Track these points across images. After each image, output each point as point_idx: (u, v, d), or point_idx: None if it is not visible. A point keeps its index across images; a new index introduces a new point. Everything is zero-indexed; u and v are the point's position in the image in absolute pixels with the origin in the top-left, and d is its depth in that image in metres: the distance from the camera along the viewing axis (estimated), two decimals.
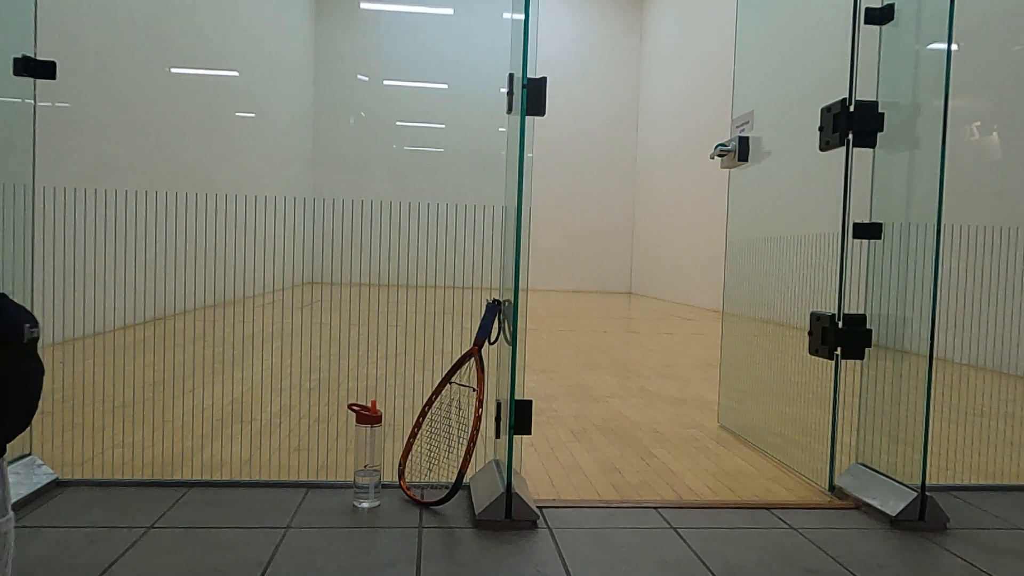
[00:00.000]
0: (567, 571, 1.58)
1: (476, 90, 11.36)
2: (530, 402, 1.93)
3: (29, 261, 2.01)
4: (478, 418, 1.89)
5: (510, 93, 1.99)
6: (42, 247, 2.21)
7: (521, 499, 1.82)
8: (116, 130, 5.53)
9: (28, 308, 1.20)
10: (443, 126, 12.29)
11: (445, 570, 1.57)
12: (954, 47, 1.88)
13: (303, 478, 2.13)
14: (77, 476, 2.07)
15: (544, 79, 1.84)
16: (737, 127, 2.88)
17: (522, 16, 1.83)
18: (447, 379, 2.07)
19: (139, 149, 5.87)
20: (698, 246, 10.25)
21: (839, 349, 2.16)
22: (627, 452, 2.55)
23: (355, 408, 1.93)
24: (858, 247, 2.15)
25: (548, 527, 1.82)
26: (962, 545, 1.79)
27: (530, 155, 1.84)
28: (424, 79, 12.35)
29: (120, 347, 4.45)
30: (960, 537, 1.84)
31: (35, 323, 1.18)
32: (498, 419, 2.03)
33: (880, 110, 2.07)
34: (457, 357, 2.08)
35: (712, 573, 1.60)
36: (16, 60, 1.90)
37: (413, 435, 2.07)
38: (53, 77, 1.95)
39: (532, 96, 1.84)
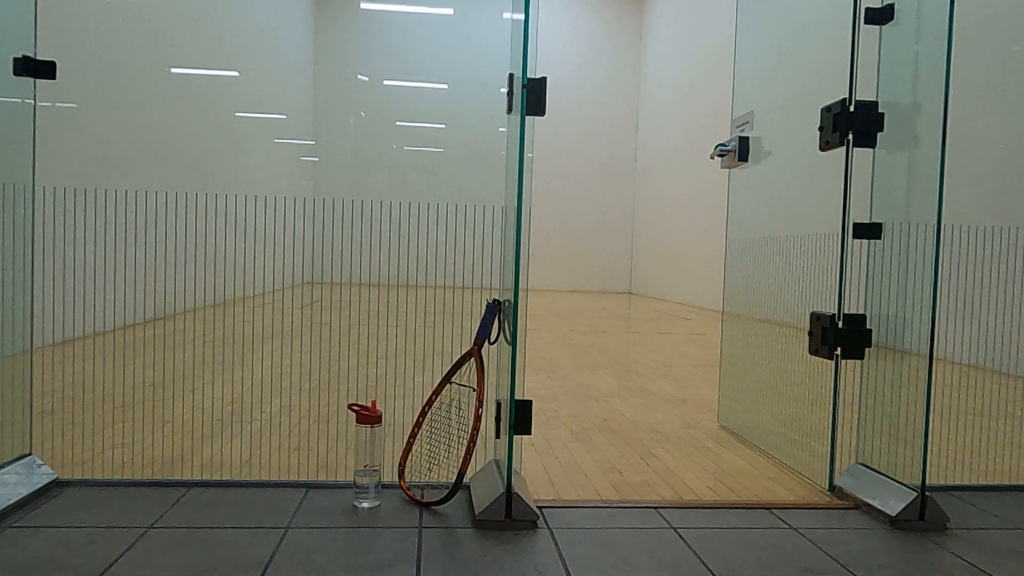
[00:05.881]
0: (567, 571, 1.59)
1: (476, 90, 11.36)
2: (530, 402, 1.93)
3: (29, 261, 2.01)
4: (478, 418, 1.89)
5: (510, 93, 1.99)
6: (42, 247, 2.21)
7: (521, 499, 1.82)
8: (116, 130, 5.53)
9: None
10: (443, 126, 12.29)
11: (445, 570, 1.57)
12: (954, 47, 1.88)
13: (303, 478, 2.13)
14: (77, 476, 2.07)
15: (544, 79, 1.84)
16: (737, 127, 2.88)
17: (522, 16, 1.83)
18: (447, 379, 2.07)
19: (139, 149, 5.87)
20: (698, 246, 10.25)
21: (839, 349, 2.16)
22: (627, 452, 2.55)
23: (355, 408, 1.93)
24: (858, 247, 2.15)
25: (548, 527, 1.82)
26: (962, 545, 1.79)
27: (530, 155, 1.84)
28: (424, 79, 12.35)
29: (120, 347, 4.45)
30: (960, 537, 1.84)
31: None
32: (498, 419, 2.03)
33: (880, 110, 2.07)
34: (457, 357, 2.08)
35: (712, 573, 1.60)
36: (16, 60, 1.90)
37: (413, 435, 2.07)
38: (53, 77, 1.95)
39: (532, 96, 1.84)
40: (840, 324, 2.17)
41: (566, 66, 13.08)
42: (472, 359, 2.02)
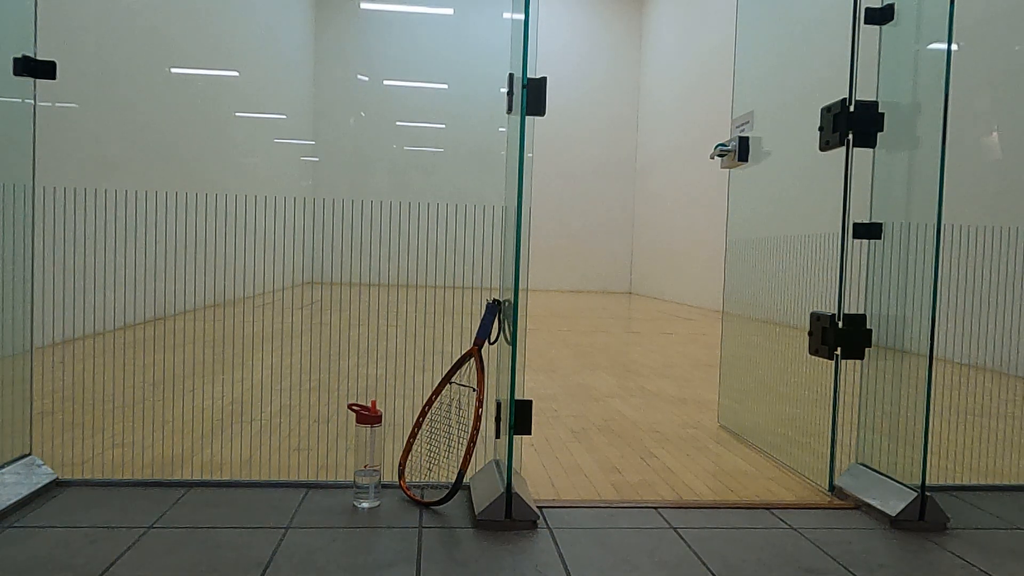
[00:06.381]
0: (567, 571, 1.58)
1: (476, 90, 11.36)
2: (530, 402, 1.93)
3: (29, 261, 2.01)
4: (478, 418, 1.89)
5: (510, 93, 1.99)
6: (42, 247, 2.21)
7: (521, 499, 1.82)
8: (116, 130, 5.53)
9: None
10: (443, 126, 12.29)
11: (445, 570, 1.57)
12: (954, 47, 1.88)
13: (303, 478, 2.13)
14: (77, 476, 2.07)
15: (544, 79, 1.84)
16: (737, 127, 2.88)
17: (522, 16, 1.83)
18: (447, 379, 2.07)
19: (139, 149, 5.87)
20: (698, 246, 10.25)
21: (839, 349, 2.16)
22: (627, 452, 2.55)
23: (355, 408, 1.93)
24: (858, 247, 2.15)
25: (548, 527, 1.82)
26: (962, 545, 1.79)
27: (530, 155, 1.84)
28: (424, 79, 12.35)
29: (120, 347, 4.45)
30: (960, 537, 1.84)
31: None
32: (498, 419, 2.03)
33: (880, 110, 2.07)
34: (457, 357, 2.08)
35: (712, 573, 1.60)
36: (16, 60, 1.90)
37: (413, 435, 2.07)
38: (53, 77, 1.95)
39: (532, 96, 1.84)
40: (840, 324, 2.17)
41: (566, 66, 13.08)
42: (472, 359, 2.02)
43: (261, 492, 1.99)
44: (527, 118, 1.84)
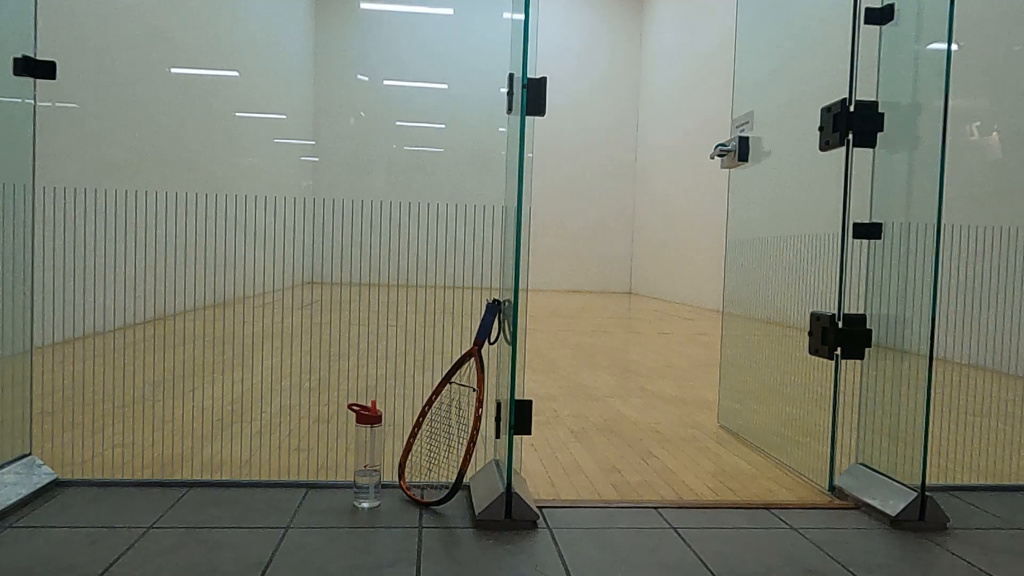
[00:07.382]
0: (567, 571, 1.58)
1: (476, 90, 11.35)
2: (530, 402, 1.93)
3: (29, 261, 2.01)
4: (478, 418, 1.89)
5: (510, 93, 1.99)
6: (42, 247, 2.21)
7: (521, 499, 1.82)
8: (116, 130, 5.52)
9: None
10: (443, 126, 12.29)
11: (445, 570, 1.57)
12: (954, 47, 1.88)
13: (303, 478, 2.13)
14: (77, 476, 2.07)
15: (544, 79, 1.84)
16: (737, 127, 2.88)
17: (522, 16, 1.83)
18: (447, 379, 2.07)
19: (139, 149, 5.87)
20: (698, 246, 10.25)
21: (839, 349, 2.16)
22: (627, 452, 2.55)
23: (355, 408, 1.93)
24: (858, 247, 2.15)
25: (548, 527, 1.82)
26: (962, 545, 1.79)
27: (530, 155, 1.84)
28: (424, 79, 12.35)
29: (120, 347, 4.45)
30: (960, 537, 1.84)
31: None
32: (498, 419, 2.03)
33: (880, 110, 2.07)
34: (457, 357, 2.08)
35: (712, 573, 1.60)
36: (16, 60, 1.90)
37: (413, 435, 2.07)
38: (53, 77, 1.95)
39: (532, 96, 1.84)
40: (840, 324, 2.17)
41: (566, 66, 13.08)
42: (472, 359, 2.02)
43: (261, 492, 1.99)
44: (527, 118, 1.84)
